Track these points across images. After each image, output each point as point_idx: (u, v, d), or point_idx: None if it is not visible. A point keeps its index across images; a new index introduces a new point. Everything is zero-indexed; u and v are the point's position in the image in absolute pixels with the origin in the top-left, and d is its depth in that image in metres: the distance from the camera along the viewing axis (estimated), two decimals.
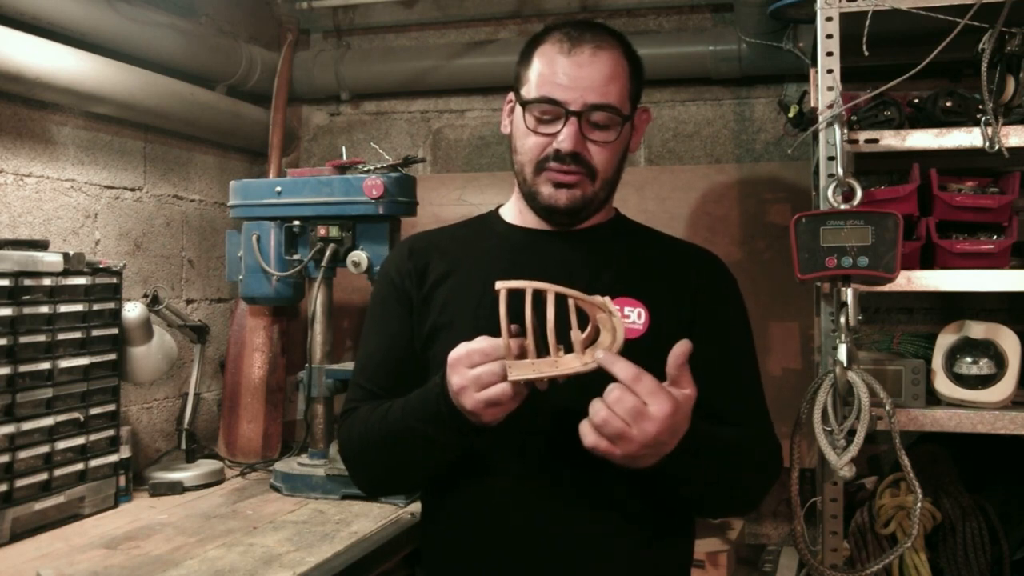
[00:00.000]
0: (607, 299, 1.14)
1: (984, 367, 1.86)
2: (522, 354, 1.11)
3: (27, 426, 1.85)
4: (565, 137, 1.29)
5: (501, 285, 1.11)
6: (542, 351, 1.11)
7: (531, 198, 1.36)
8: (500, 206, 1.49)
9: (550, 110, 1.30)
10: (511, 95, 1.39)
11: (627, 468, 1.12)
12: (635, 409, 1.06)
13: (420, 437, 1.24)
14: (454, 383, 1.14)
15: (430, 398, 1.21)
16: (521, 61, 1.38)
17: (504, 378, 1.10)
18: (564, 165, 1.30)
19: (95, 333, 2.04)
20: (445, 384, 1.17)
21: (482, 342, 1.13)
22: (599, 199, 1.36)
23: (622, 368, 1.08)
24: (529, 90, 1.33)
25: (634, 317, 1.30)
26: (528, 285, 1.11)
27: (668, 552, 1.37)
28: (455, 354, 1.15)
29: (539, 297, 1.11)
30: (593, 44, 1.31)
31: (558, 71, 1.30)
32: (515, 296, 1.11)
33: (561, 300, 1.11)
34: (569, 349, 1.11)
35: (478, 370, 1.12)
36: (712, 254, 1.46)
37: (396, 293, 1.40)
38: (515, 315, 1.11)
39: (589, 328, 1.13)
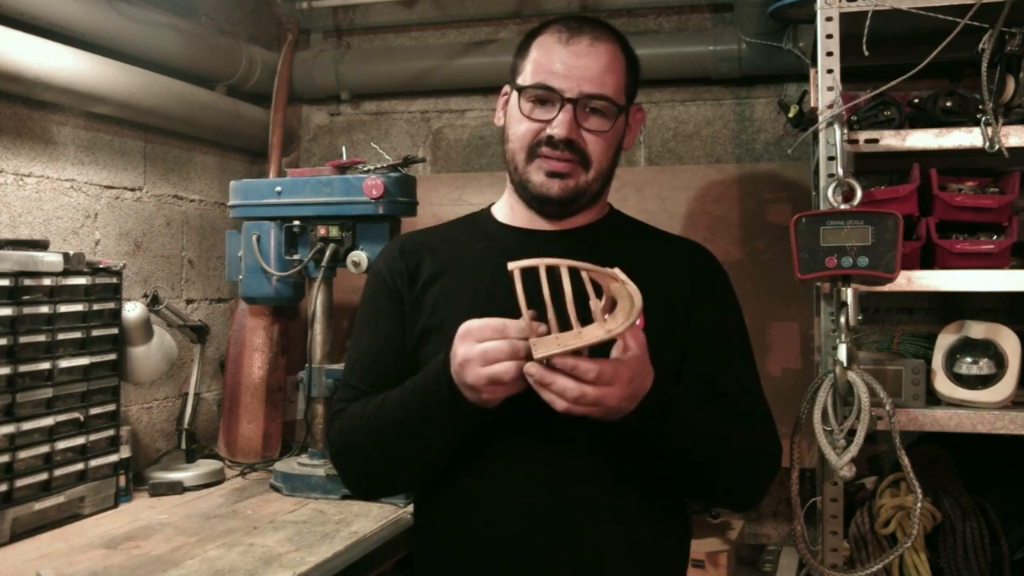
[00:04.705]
0: (617, 270, 1.13)
1: (984, 367, 1.86)
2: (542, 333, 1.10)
3: (27, 426, 1.85)
4: (559, 123, 1.29)
5: (513, 265, 1.09)
6: (561, 326, 1.10)
7: (522, 187, 1.36)
8: (492, 204, 1.49)
9: (545, 95, 1.31)
10: (506, 88, 1.39)
11: (616, 453, 1.19)
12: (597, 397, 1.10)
13: (418, 419, 1.23)
14: (459, 354, 1.14)
15: (429, 378, 1.21)
16: (518, 53, 1.38)
17: (511, 356, 1.10)
18: (556, 151, 1.30)
19: (95, 333, 2.04)
20: (447, 362, 1.17)
21: (495, 319, 1.13)
22: (592, 191, 1.36)
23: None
24: (525, 78, 1.34)
25: None
26: (540, 262, 1.09)
27: (665, 552, 1.37)
28: (466, 326, 1.15)
29: (552, 273, 1.10)
30: (591, 35, 1.32)
31: (555, 60, 1.31)
32: (527, 276, 1.10)
33: (574, 274, 1.10)
34: (587, 320, 1.10)
35: (486, 345, 1.12)
36: (705, 249, 1.46)
37: (387, 292, 1.40)
38: (528, 295, 1.10)
39: (604, 298, 1.12)
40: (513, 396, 1.14)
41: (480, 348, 1.12)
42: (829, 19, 1.83)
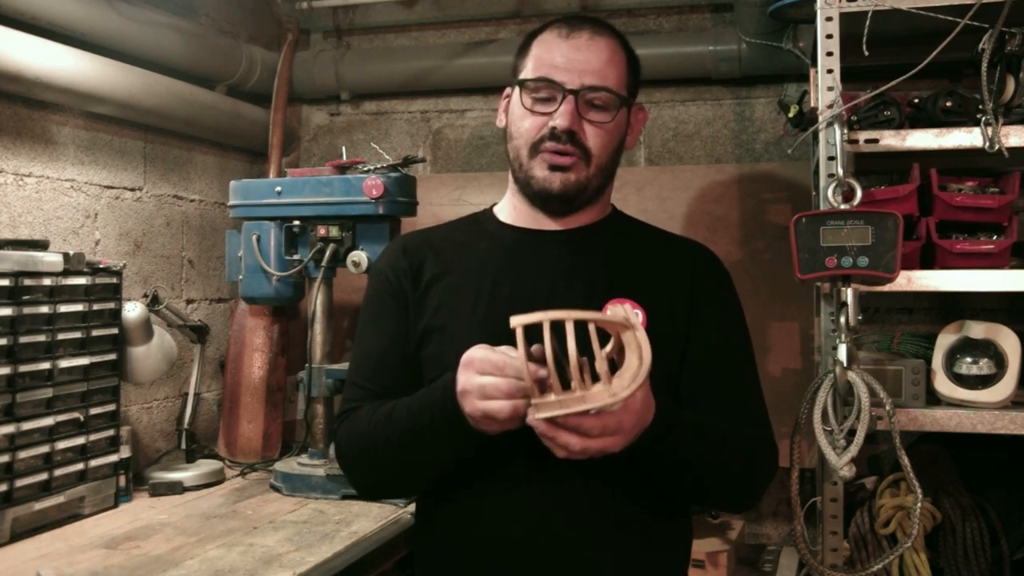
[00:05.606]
0: (627, 307, 1.11)
1: (984, 367, 1.86)
2: (546, 387, 1.05)
3: (27, 426, 1.85)
4: (561, 114, 1.29)
5: (516, 321, 1.03)
6: (566, 384, 1.05)
7: (525, 184, 1.36)
8: (494, 204, 1.49)
9: (547, 88, 1.31)
10: (508, 89, 1.39)
11: (618, 458, 1.15)
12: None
13: (425, 433, 1.23)
14: (460, 382, 1.14)
15: (436, 394, 1.21)
16: (519, 53, 1.39)
17: (508, 396, 1.09)
18: (559, 144, 1.30)
19: (95, 333, 2.04)
20: (454, 382, 1.17)
21: (499, 356, 1.11)
22: (593, 186, 1.35)
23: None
24: (527, 73, 1.34)
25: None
26: (545, 317, 1.03)
27: (666, 555, 1.37)
28: (469, 355, 1.14)
29: (557, 325, 1.04)
30: (591, 31, 1.33)
31: (556, 54, 1.32)
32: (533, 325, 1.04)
33: (580, 323, 1.05)
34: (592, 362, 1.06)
35: (484, 379, 1.11)
36: (707, 249, 1.46)
37: (392, 291, 1.40)
38: (534, 341, 1.05)
39: (611, 344, 1.10)
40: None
41: (478, 382, 1.12)
42: (829, 19, 1.83)
